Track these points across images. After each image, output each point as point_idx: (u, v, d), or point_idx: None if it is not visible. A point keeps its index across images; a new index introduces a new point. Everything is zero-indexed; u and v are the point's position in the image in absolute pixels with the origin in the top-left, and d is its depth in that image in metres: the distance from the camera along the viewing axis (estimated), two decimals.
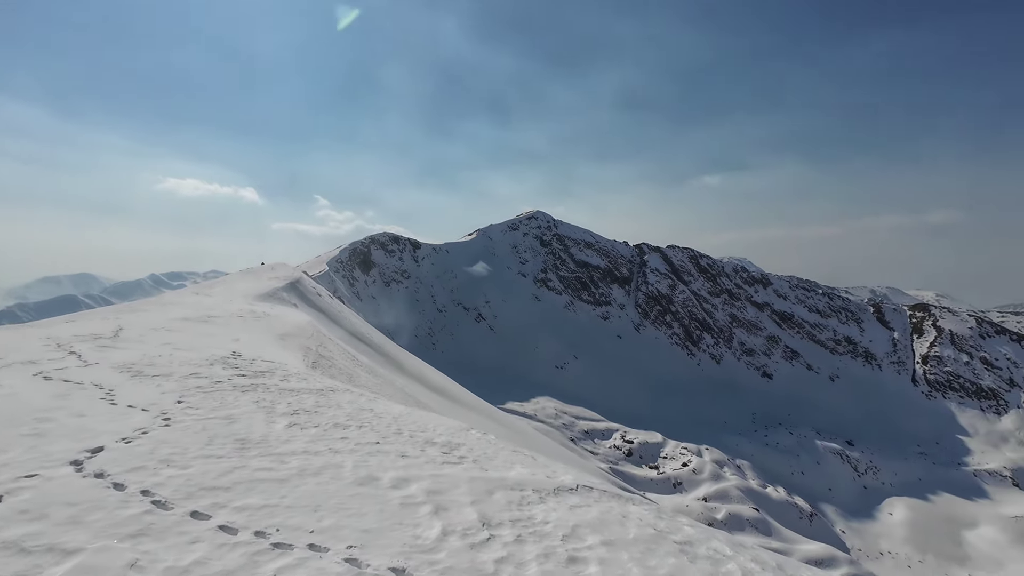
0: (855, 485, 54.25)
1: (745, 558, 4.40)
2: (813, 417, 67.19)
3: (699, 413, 63.12)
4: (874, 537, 46.27)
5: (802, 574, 4.56)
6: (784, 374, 77.33)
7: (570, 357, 67.89)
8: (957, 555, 44.49)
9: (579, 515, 4.55)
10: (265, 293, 23.60)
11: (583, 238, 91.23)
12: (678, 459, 47.68)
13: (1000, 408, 72.24)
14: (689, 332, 79.83)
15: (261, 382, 7.93)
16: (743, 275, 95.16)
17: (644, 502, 6.19)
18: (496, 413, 26.99)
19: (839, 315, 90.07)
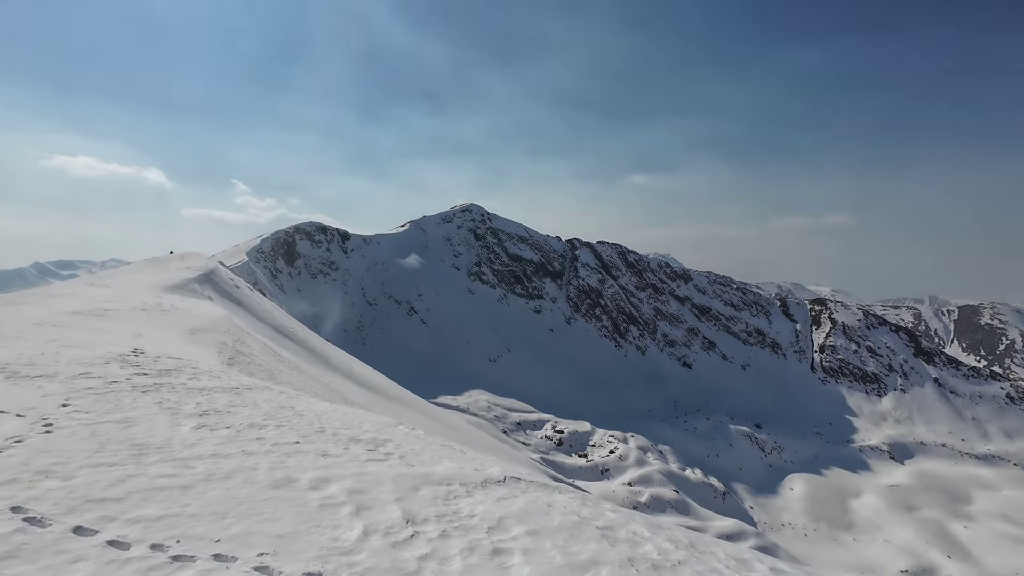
0: (762, 464, 59.04)
1: (661, 538, 4.63)
2: (727, 403, 72.37)
3: (626, 402, 66.02)
4: (777, 511, 50.67)
5: (712, 549, 4.89)
6: (702, 364, 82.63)
7: (503, 350, 68.53)
8: (844, 522, 49.76)
9: (505, 507, 4.59)
10: (174, 285, 21.74)
11: (517, 232, 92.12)
12: (605, 447, 49.61)
13: (881, 391, 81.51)
14: (617, 325, 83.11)
15: (166, 381, 7.29)
16: (667, 271, 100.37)
17: (570, 490, 6.36)
18: (427, 407, 26.67)
19: (751, 308, 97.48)
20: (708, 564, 4.31)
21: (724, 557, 4.68)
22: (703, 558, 4.44)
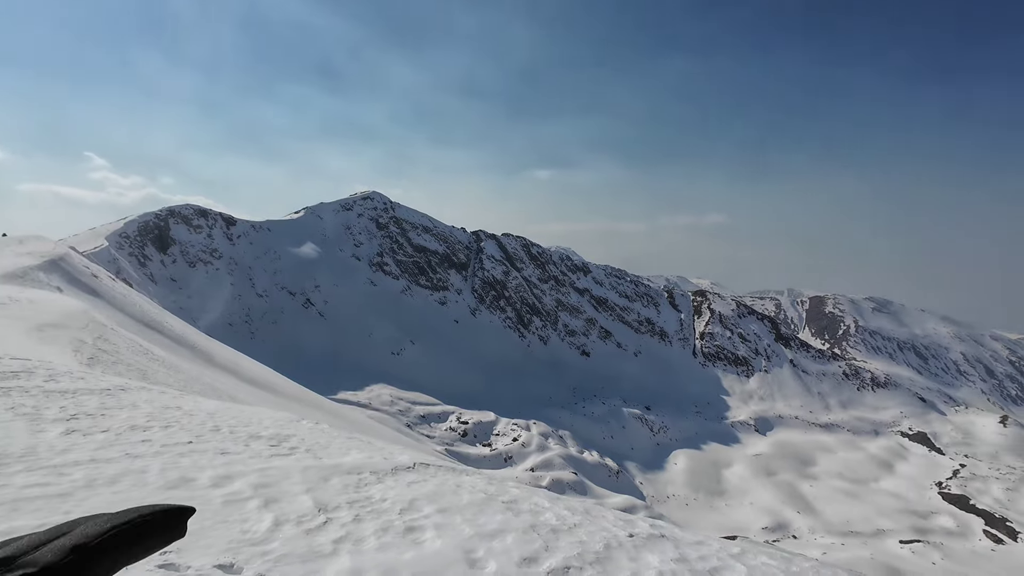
0: (651, 443, 64.29)
1: (560, 507, 5.10)
2: (621, 388, 77.68)
3: (528, 391, 68.22)
4: (663, 484, 55.61)
5: (603, 514, 5.46)
6: (599, 352, 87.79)
7: (407, 342, 67.41)
8: (718, 490, 56.00)
9: (416, 490, 4.77)
10: (11, 273, 18.70)
11: (421, 222, 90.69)
12: (509, 435, 50.99)
13: (749, 372, 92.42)
14: (521, 316, 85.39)
15: (16, 384, 6.43)
16: (568, 263, 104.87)
17: (477, 473, 6.67)
18: (326, 404, 25.60)
19: (642, 300, 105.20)
20: (600, 525, 4.84)
21: (613, 519, 5.26)
22: (596, 521, 4.97)
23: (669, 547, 4.64)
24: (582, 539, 4.30)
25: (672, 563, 4.22)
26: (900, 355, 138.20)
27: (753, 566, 4.67)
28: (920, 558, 41.15)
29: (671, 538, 5.06)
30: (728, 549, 5.15)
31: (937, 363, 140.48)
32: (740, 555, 4.94)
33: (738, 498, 54.48)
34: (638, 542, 4.63)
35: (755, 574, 4.46)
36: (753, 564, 4.74)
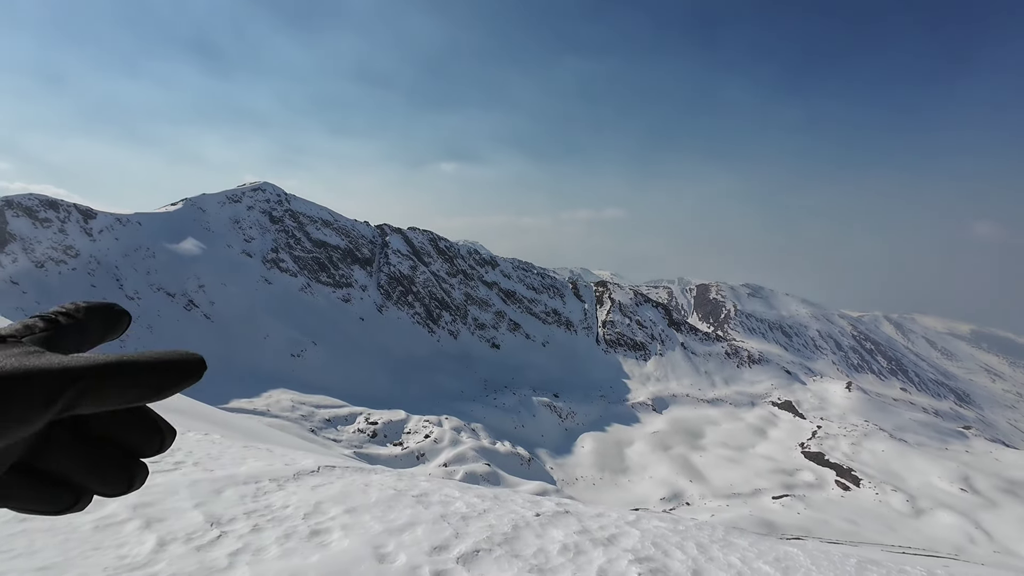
0: (560, 429, 66.83)
1: (470, 496, 5.21)
2: (530, 378, 79.80)
3: (439, 386, 67.72)
4: (572, 467, 58.13)
5: (512, 498, 5.67)
6: (509, 344, 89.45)
7: (308, 343, 63.74)
8: (622, 467, 59.73)
9: (321, 493, 4.61)
10: None
11: (321, 216, 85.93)
12: (420, 432, 50.32)
13: (646, 356, 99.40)
14: (430, 311, 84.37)
15: None
16: (476, 257, 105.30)
17: (386, 470, 6.57)
18: (216, 415, 23.49)
19: (549, 291, 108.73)
20: (508, 508, 5.03)
21: (522, 502, 5.49)
22: (505, 505, 5.16)
23: (573, 521, 4.95)
24: (491, 523, 4.45)
25: (575, 535, 4.52)
26: (770, 334, 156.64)
27: (646, 529, 5.14)
28: (788, 510, 47.12)
29: (575, 513, 5.39)
30: (625, 517, 5.61)
31: (799, 340, 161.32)
32: (635, 522, 5.41)
33: (639, 473, 58.48)
34: (544, 520, 4.89)
35: (647, 536, 4.92)
36: (646, 528, 5.22)
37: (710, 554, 4.82)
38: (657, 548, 4.65)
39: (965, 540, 42.93)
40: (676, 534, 5.35)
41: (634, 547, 4.51)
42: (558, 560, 3.96)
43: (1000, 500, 50.08)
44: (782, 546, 5.99)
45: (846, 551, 7.98)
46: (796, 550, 5.61)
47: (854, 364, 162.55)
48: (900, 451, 63.86)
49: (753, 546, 5.41)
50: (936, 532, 44.31)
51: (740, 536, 5.79)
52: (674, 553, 4.58)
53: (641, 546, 4.58)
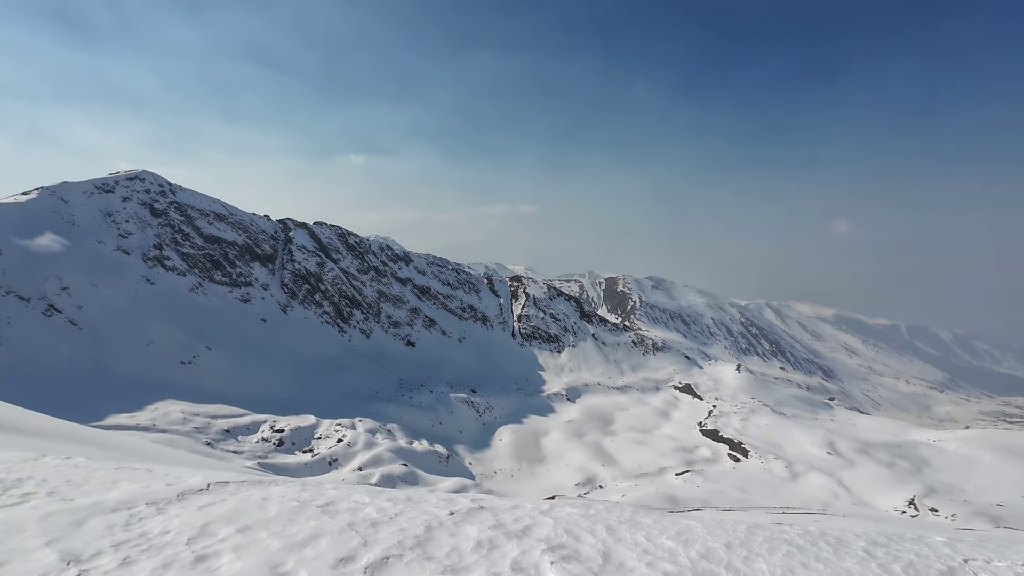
0: (478, 424, 67.06)
1: (381, 500, 4.99)
2: (447, 374, 79.17)
3: (352, 387, 65.06)
4: (491, 461, 58.61)
5: (426, 498, 5.53)
6: (424, 341, 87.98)
7: (201, 348, 58.08)
8: (538, 457, 61.27)
9: (210, 513, 4.16)
10: None
11: (213, 209, 78.65)
12: (333, 437, 48.08)
13: (560, 348, 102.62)
14: (340, 310, 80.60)
15: None
16: (388, 253, 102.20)
17: (289, 481, 6.12)
18: (87, 434, 20.65)
19: (464, 287, 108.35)
20: (422, 509, 4.89)
21: (436, 501, 5.37)
22: (418, 506, 5.01)
23: (487, 516, 4.92)
24: (403, 526, 4.28)
25: (489, 530, 4.49)
26: (671, 323, 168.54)
27: (558, 517, 5.27)
28: (689, 484, 51.12)
29: (489, 508, 5.37)
30: (539, 507, 5.70)
31: (696, 327, 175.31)
32: (549, 511, 5.52)
33: (555, 462, 60.36)
34: (458, 518, 4.81)
35: (560, 523, 5.03)
36: (559, 516, 5.34)
37: (618, 535, 5.04)
38: (569, 535, 4.76)
39: (831, 496, 49.26)
40: (587, 519, 5.53)
41: (547, 536, 4.58)
42: (472, 558, 3.90)
43: (857, 460, 58.01)
44: (683, 520, 6.43)
45: (737, 518, 8.76)
46: (695, 523, 6.06)
47: (742, 348, 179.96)
48: (780, 423, 71.74)
49: (657, 523, 5.76)
50: (809, 492, 50.39)
51: (646, 515, 6.14)
52: (585, 538, 4.72)
53: (554, 534, 4.67)
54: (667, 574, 4.16)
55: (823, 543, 5.42)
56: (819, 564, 4.88)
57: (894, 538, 6.10)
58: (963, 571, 5.23)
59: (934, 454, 58.49)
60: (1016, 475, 50.51)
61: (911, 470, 54.49)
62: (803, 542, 5.33)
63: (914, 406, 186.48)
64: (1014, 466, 52.55)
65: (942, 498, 47.17)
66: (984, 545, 6.76)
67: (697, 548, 4.85)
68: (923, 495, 47.84)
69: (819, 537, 5.59)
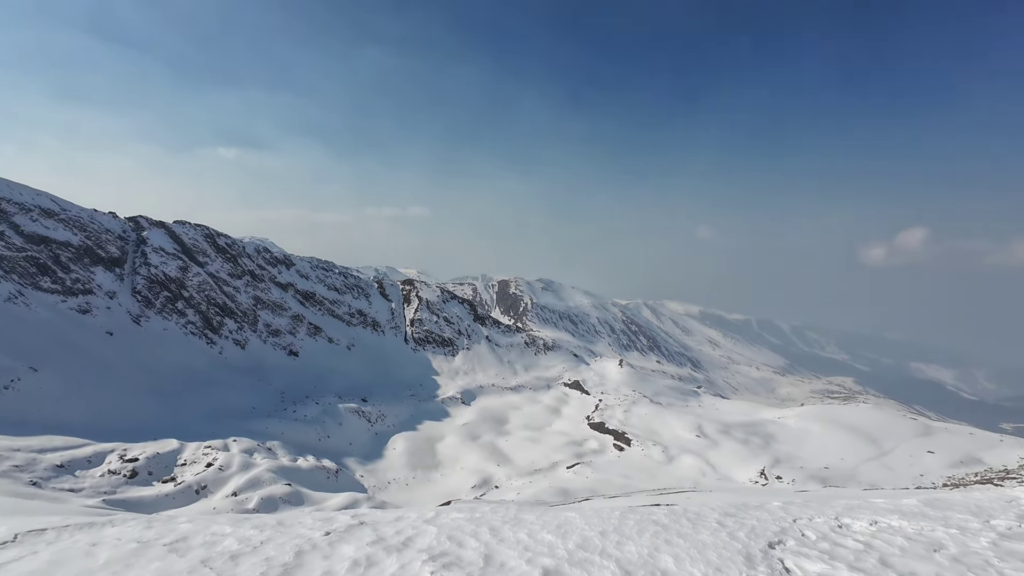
0: (369, 434, 64.39)
1: (245, 529, 4.53)
2: (335, 384, 74.99)
3: (225, 404, 58.90)
4: (384, 471, 56.55)
5: (300, 519, 5.13)
6: (309, 350, 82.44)
7: (22, 370, 48.64)
8: (434, 463, 60.39)
9: (14, 570, 3.45)
10: None
11: (38, 203, 66.51)
12: (201, 461, 43.07)
13: (454, 351, 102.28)
14: (208, 319, 72.56)
15: None
16: (266, 256, 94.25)
17: (131, 519, 5.31)
18: None
19: (352, 291, 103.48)
20: (293, 533, 4.52)
21: (311, 522, 5.01)
22: (290, 530, 4.62)
23: (367, 532, 4.69)
24: (269, 555, 3.91)
25: (368, 547, 4.28)
26: (561, 323, 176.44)
27: (443, 524, 5.20)
28: (578, 476, 53.74)
29: (371, 523, 5.13)
30: (424, 516, 5.58)
31: (583, 326, 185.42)
32: (433, 519, 5.42)
33: (451, 466, 59.96)
34: (335, 537, 4.52)
35: (444, 530, 4.96)
36: (443, 522, 5.27)
37: (501, 535, 5.10)
38: (453, 541, 4.70)
39: (699, 475, 54.88)
40: (471, 522, 5.52)
41: (429, 545, 4.48)
42: None
43: (720, 440, 65.30)
44: (564, 513, 6.72)
45: (614, 504, 9.37)
46: (574, 514, 6.36)
47: (624, 344, 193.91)
48: (657, 412, 78.39)
49: (539, 519, 5.95)
50: (682, 472, 55.66)
51: (530, 511, 6.30)
52: (468, 542, 4.70)
53: (437, 543, 4.58)
54: (546, 568, 4.29)
55: (684, 520, 6.00)
56: (680, 539, 5.38)
57: (741, 508, 6.96)
58: (792, 529, 6.11)
59: (778, 429, 67.80)
60: (837, 442, 60.40)
61: (761, 445, 62.60)
62: (668, 521, 5.86)
63: (763, 389, 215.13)
64: (835, 434, 62.79)
65: (785, 466, 54.84)
66: (809, 504, 7.96)
67: (575, 539, 5.08)
68: (771, 465, 55.22)
69: (682, 515, 6.18)
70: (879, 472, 49.81)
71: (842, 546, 5.57)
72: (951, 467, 49.09)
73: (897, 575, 5.01)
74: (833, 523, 6.33)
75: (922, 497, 8.84)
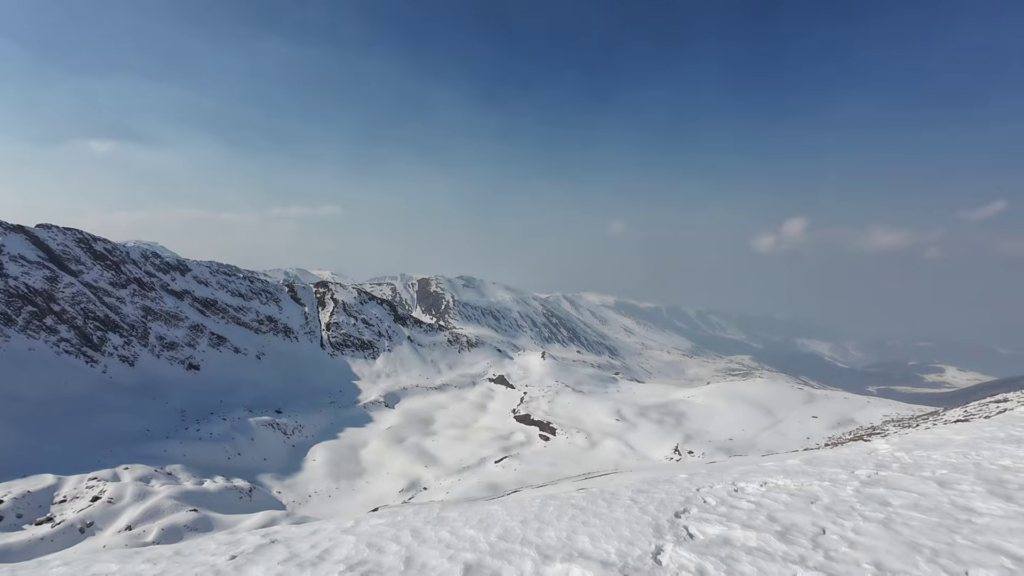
0: (285, 447, 60.79)
1: (136, 564, 4.12)
2: (245, 397, 69.87)
3: (113, 429, 52.77)
4: (303, 485, 53.69)
5: (204, 546, 4.75)
6: (212, 362, 76.01)
7: None
8: (358, 471, 58.32)
9: None
10: None
11: None
12: (85, 496, 38.33)
13: (375, 354, 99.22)
14: (86, 335, 64.45)
15: None
16: (155, 262, 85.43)
17: None
18: None
19: (260, 297, 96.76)
20: (193, 561, 4.17)
21: (215, 547, 4.65)
22: (188, 559, 4.26)
23: (279, 551, 4.44)
24: None
25: (279, 566, 4.06)
26: (483, 319, 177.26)
27: (362, 532, 5.06)
28: (506, 469, 54.45)
29: (283, 540, 4.86)
30: (342, 526, 5.39)
31: (505, 321, 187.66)
32: (352, 528, 5.25)
33: (377, 472, 58.26)
34: (242, 560, 4.23)
35: (363, 538, 4.84)
36: (363, 531, 5.13)
37: (423, 536, 5.06)
38: (372, 548, 4.59)
39: (620, 457, 57.77)
40: (392, 527, 5.42)
41: (347, 556, 4.35)
42: None
43: (637, 422, 69.11)
44: (487, 507, 6.80)
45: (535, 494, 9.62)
46: (497, 507, 6.46)
47: (545, 336, 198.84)
48: (580, 400, 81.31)
49: (462, 515, 5.98)
50: (604, 455, 58.25)
51: (453, 509, 6.33)
52: (388, 547, 4.62)
53: (355, 552, 4.45)
54: (468, 563, 4.33)
55: (601, 500, 6.33)
56: (596, 520, 5.68)
57: (652, 483, 7.46)
58: (696, 497, 6.66)
59: (688, 408, 73.06)
60: (739, 415, 66.26)
61: (674, 423, 67.13)
62: (585, 503, 6.15)
63: (673, 371, 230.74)
64: (737, 409, 68.84)
65: (696, 442, 59.26)
66: (712, 474, 8.71)
67: (497, 531, 5.18)
68: (683, 442, 59.41)
69: (598, 496, 6.51)
70: (774, 439, 55.34)
71: (737, 508, 6.17)
72: (831, 428, 55.69)
73: (781, 527, 5.63)
74: (730, 488, 6.98)
75: (803, 457, 9.99)
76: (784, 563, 4.72)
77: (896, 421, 48.00)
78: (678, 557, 4.91)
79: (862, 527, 5.49)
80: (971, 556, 4.79)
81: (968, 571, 4.55)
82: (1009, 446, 8.44)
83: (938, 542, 5.04)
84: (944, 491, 6.36)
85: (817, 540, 5.21)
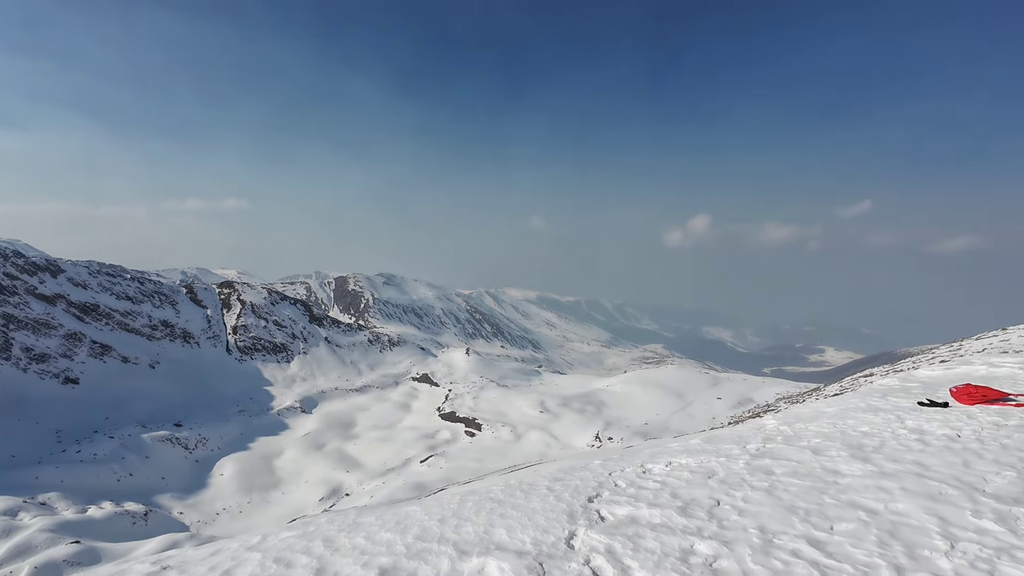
0: (188, 463, 55.85)
1: None
2: (137, 411, 63.23)
3: None
4: (210, 502, 49.64)
5: (72, 573, 4.25)
6: (95, 374, 67.81)
7: None
8: (273, 482, 54.91)
9: None
10: None
11: None
12: None
13: (289, 357, 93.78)
14: None
15: None
16: (18, 262, 74.59)
17: None
18: None
19: (152, 299, 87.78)
20: None
21: None
22: None
23: None
24: None
25: None
26: (405, 317, 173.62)
27: (269, 548, 4.78)
28: (432, 468, 53.89)
29: (177, 566, 4.47)
30: (247, 543, 5.05)
31: (428, 319, 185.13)
32: (258, 544, 4.94)
33: (294, 481, 55.24)
34: None
35: (269, 554, 4.58)
36: (270, 546, 4.84)
37: (336, 544, 4.89)
38: (280, 563, 4.36)
39: (545, 447, 59.28)
40: (303, 538, 5.18)
41: (251, 574, 4.10)
42: None
43: (560, 412, 71.23)
44: (405, 508, 6.71)
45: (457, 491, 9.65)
46: (415, 507, 6.40)
47: (470, 332, 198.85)
48: (504, 395, 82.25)
49: (379, 519, 5.85)
50: (530, 447, 59.47)
51: (370, 513, 6.16)
52: (298, 560, 4.41)
53: (260, 570, 4.20)
54: (382, 567, 4.26)
55: (519, 492, 6.48)
56: (514, 511, 5.81)
57: (568, 471, 7.76)
58: (608, 482, 7.04)
59: (608, 396, 76.48)
60: (653, 400, 70.45)
61: (595, 412, 70.00)
62: (503, 496, 6.27)
63: (593, 362, 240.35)
64: (651, 395, 73.15)
65: (615, 428, 62.19)
66: (624, 458, 9.21)
67: (414, 531, 5.13)
68: (604, 429, 62.13)
69: (516, 487, 6.67)
70: (685, 421, 59.48)
71: (645, 488, 6.60)
72: (733, 408, 60.87)
73: (683, 502, 6.10)
74: (639, 470, 7.44)
75: (704, 436, 10.86)
76: (684, 535, 5.12)
77: (786, 398, 53.52)
78: (589, 540, 5.16)
79: (750, 496, 6.09)
80: (836, 513, 5.50)
81: (833, 526, 5.20)
82: (868, 415, 9.75)
83: (810, 503, 5.72)
84: (816, 458, 7.22)
85: (712, 512, 5.71)
